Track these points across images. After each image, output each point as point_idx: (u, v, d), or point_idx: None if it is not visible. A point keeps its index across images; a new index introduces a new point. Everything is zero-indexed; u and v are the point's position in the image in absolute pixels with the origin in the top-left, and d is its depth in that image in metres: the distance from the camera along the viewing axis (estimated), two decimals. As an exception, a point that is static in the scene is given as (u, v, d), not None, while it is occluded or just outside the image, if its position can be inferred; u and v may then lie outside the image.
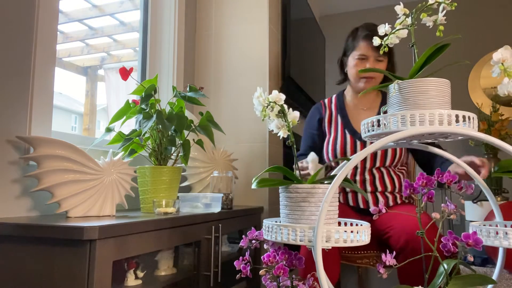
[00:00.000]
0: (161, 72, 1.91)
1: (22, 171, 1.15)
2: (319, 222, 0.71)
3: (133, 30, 2.02)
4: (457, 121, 0.75)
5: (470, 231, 0.83)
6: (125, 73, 1.32)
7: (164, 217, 1.14)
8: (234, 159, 1.87)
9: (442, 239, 0.80)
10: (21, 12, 1.17)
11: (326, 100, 1.70)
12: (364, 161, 1.52)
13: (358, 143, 1.54)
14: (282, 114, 0.85)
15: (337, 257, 1.33)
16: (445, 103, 0.80)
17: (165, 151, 1.38)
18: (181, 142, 1.40)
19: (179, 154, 1.43)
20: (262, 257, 0.86)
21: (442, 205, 0.87)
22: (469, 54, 3.49)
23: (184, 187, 1.73)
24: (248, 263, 0.91)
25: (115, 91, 2.01)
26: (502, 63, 0.79)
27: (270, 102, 0.84)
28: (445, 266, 0.82)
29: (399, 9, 0.88)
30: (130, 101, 1.38)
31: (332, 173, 0.97)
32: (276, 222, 0.85)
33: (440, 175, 0.86)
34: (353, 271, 2.07)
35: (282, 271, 0.83)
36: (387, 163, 1.53)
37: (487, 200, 2.91)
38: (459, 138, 0.83)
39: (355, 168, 1.53)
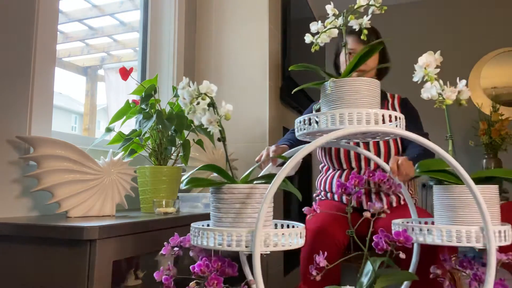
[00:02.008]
0: (161, 72, 1.91)
1: (22, 171, 1.15)
2: (258, 225, 0.66)
3: (133, 30, 2.02)
4: (390, 120, 0.77)
5: (393, 230, 0.86)
6: (125, 73, 1.32)
7: (164, 217, 1.14)
8: (234, 159, 1.87)
9: (374, 238, 0.80)
10: (21, 12, 1.17)
11: None
12: (368, 162, 1.52)
13: (361, 144, 1.54)
14: (212, 107, 0.76)
15: (338, 258, 1.33)
16: (376, 103, 0.81)
17: (165, 151, 1.38)
18: (181, 142, 1.40)
19: (179, 154, 1.43)
20: (191, 267, 0.76)
21: (369, 203, 0.88)
22: (469, 54, 3.49)
23: (184, 187, 1.73)
24: (171, 274, 0.82)
25: (115, 91, 2.01)
26: (425, 68, 0.83)
27: (200, 93, 0.76)
28: (373, 264, 0.82)
29: (330, 8, 0.88)
30: (130, 101, 1.38)
31: (262, 173, 0.92)
32: (203, 226, 0.78)
33: (371, 175, 0.86)
34: (353, 271, 2.07)
35: (216, 282, 0.72)
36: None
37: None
38: (387, 138, 0.86)
39: (359, 169, 1.53)
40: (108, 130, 1.35)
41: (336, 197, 1.57)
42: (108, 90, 2.01)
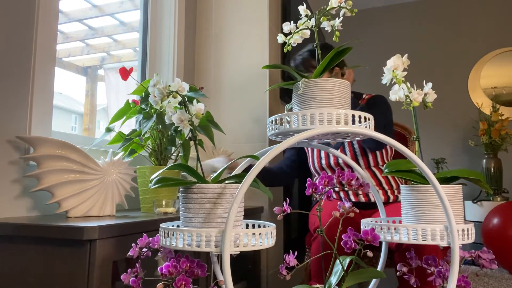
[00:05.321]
0: (161, 72, 1.91)
1: (22, 171, 1.15)
2: (228, 225, 0.65)
3: (133, 30, 2.02)
4: (359, 121, 0.78)
5: (362, 229, 0.87)
6: (125, 73, 1.32)
7: (164, 217, 1.14)
8: (234, 159, 1.87)
9: (343, 236, 0.81)
10: (21, 12, 1.17)
11: None
12: (363, 161, 1.53)
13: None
14: (183, 105, 0.74)
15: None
16: (347, 103, 0.82)
17: (165, 151, 1.38)
18: (181, 142, 1.40)
19: (179, 154, 1.43)
20: (159, 268, 0.75)
21: (339, 203, 0.88)
22: (469, 53, 3.49)
23: (184, 187, 1.73)
24: (139, 276, 0.80)
25: (115, 91, 2.01)
26: (394, 71, 0.85)
27: (171, 91, 0.75)
28: (342, 262, 0.83)
29: (302, 9, 0.89)
30: (130, 101, 1.38)
31: (234, 173, 0.91)
32: (172, 226, 0.77)
33: (341, 174, 0.87)
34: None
35: (183, 283, 0.70)
36: (379, 162, 1.55)
37: (487, 200, 2.91)
38: (357, 138, 0.87)
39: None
40: (108, 130, 1.35)
41: (334, 195, 1.58)
42: (108, 90, 2.01)
